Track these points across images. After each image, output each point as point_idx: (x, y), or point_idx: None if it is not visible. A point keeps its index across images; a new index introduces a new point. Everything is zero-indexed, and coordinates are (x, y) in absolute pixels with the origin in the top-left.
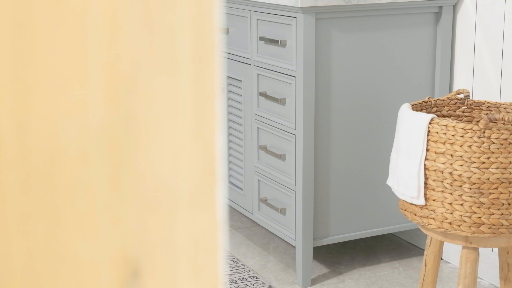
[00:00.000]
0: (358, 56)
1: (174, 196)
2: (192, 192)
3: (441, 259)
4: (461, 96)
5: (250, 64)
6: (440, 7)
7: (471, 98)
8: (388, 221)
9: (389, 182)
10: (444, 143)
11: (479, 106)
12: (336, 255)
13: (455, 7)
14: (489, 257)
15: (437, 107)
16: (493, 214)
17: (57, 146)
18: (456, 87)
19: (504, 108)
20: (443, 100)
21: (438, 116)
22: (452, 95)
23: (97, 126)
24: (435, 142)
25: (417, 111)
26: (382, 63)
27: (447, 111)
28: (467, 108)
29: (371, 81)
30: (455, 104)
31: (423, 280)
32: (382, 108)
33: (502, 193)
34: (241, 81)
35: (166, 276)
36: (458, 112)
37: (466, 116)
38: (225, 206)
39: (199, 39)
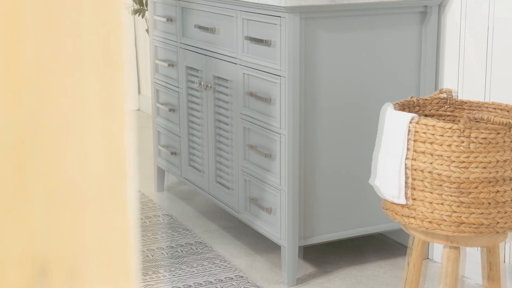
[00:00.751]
0: (344, 56)
1: (84, 195)
2: (102, 190)
3: (428, 258)
4: (445, 95)
5: (237, 64)
6: (426, 6)
7: (454, 97)
8: (376, 220)
9: (372, 181)
10: (424, 142)
11: (462, 106)
12: (324, 254)
13: (441, 7)
14: (476, 256)
15: (420, 106)
16: (473, 213)
17: None
18: (443, 86)
19: (487, 108)
20: (426, 100)
21: (421, 115)
22: (436, 95)
23: (0, 125)
24: (416, 141)
25: (400, 110)
26: (369, 62)
27: (430, 110)
28: (450, 107)
29: (357, 80)
30: (438, 103)
31: (407, 279)
32: (368, 108)
33: (482, 192)
34: (228, 80)
35: (77, 274)
36: (441, 112)
37: (449, 116)
38: (136, 204)
39: (106, 39)
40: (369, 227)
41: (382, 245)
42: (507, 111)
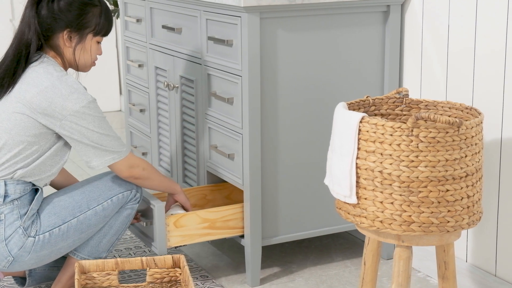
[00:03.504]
0: (305, 56)
1: None
2: None
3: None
4: (400, 94)
5: (201, 64)
6: (388, 6)
7: (410, 96)
8: (341, 219)
9: (326, 181)
10: (374, 142)
11: (417, 105)
12: (290, 254)
13: (403, 6)
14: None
15: (375, 105)
16: (423, 212)
17: None
18: (405, 85)
19: (442, 107)
20: (382, 99)
21: (377, 115)
22: (392, 94)
23: None
24: (366, 140)
25: (354, 110)
26: (330, 62)
27: (386, 110)
28: (406, 106)
29: (318, 80)
30: (393, 103)
31: (364, 279)
32: (330, 107)
33: (431, 191)
34: (193, 81)
35: None
36: (397, 111)
37: (404, 115)
38: None
39: None
40: (333, 226)
41: (349, 244)
42: (461, 110)
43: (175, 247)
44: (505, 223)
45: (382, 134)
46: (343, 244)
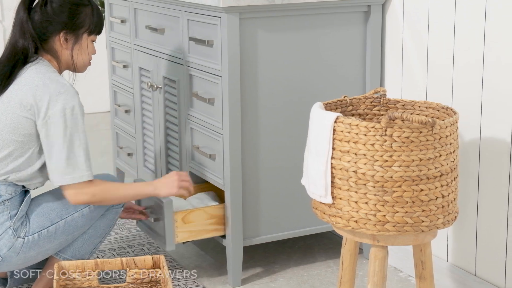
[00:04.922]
0: (285, 56)
1: None
2: None
3: None
4: (378, 95)
5: (183, 65)
6: (369, 6)
7: (388, 96)
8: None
9: (303, 181)
10: (348, 142)
11: (395, 105)
12: (273, 254)
13: (384, 6)
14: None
15: (353, 105)
16: (397, 212)
17: None
18: (386, 86)
19: (419, 107)
20: (359, 99)
21: (354, 115)
22: (369, 94)
23: None
24: (340, 140)
25: (331, 110)
26: (311, 62)
27: (364, 110)
28: (383, 106)
29: (299, 80)
30: (371, 102)
31: (342, 279)
32: (310, 107)
33: (405, 191)
34: (175, 81)
35: None
36: (374, 111)
37: (382, 115)
38: None
39: None
40: (315, 226)
41: (332, 244)
42: (438, 110)
43: (183, 243)
44: (484, 222)
45: (356, 134)
46: (326, 244)
